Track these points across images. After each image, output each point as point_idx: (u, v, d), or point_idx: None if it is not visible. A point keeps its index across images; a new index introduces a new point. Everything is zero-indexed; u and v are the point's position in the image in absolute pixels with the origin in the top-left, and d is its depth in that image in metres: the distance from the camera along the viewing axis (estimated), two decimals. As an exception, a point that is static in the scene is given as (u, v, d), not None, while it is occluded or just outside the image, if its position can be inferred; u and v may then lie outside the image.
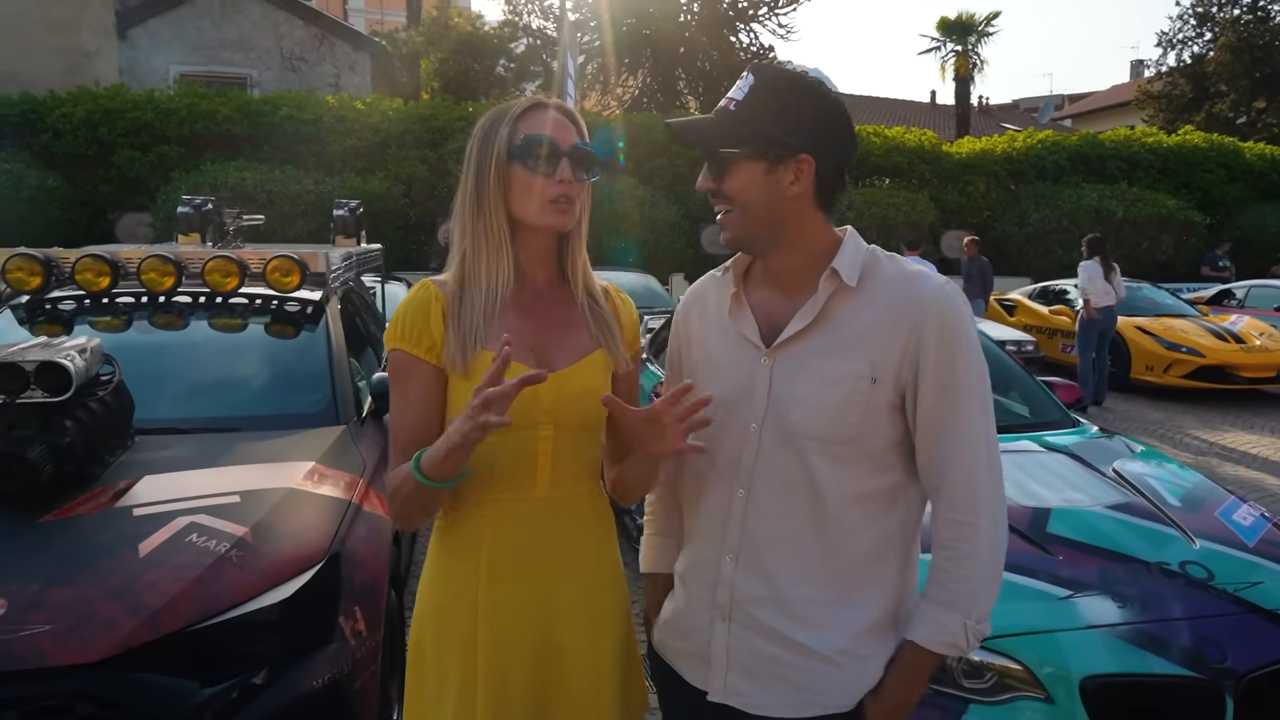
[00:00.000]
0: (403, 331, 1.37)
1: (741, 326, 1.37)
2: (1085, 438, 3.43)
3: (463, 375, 1.34)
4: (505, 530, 1.36)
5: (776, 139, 1.28)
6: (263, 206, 11.56)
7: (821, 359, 1.29)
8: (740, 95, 1.30)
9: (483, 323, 1.35)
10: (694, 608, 1.40)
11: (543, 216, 1.37)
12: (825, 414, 1.28)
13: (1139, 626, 2.20)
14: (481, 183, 1.38)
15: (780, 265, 1.36)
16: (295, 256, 3.45)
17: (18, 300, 3.42)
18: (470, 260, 1.38)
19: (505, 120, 1.38)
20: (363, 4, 32.45)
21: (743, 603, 1.33)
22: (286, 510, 2.36)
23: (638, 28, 18.89)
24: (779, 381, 1.31)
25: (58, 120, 12.49)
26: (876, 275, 1.32)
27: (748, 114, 1.29)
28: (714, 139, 1.32)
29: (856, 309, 1.30)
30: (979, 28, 22.92)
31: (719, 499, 1.37)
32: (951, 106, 24.85)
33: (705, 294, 1.49)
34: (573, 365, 1.40)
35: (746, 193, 1.30)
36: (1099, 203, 14.66)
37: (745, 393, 1.34)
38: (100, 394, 2.48)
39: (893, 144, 15.56)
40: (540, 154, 1.35)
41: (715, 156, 1.32)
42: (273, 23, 16.51)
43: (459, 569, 1.39)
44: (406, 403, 1.37)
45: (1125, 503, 2.75)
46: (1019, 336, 9.21)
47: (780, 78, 1.31)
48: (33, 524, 2.15)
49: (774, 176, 1.29)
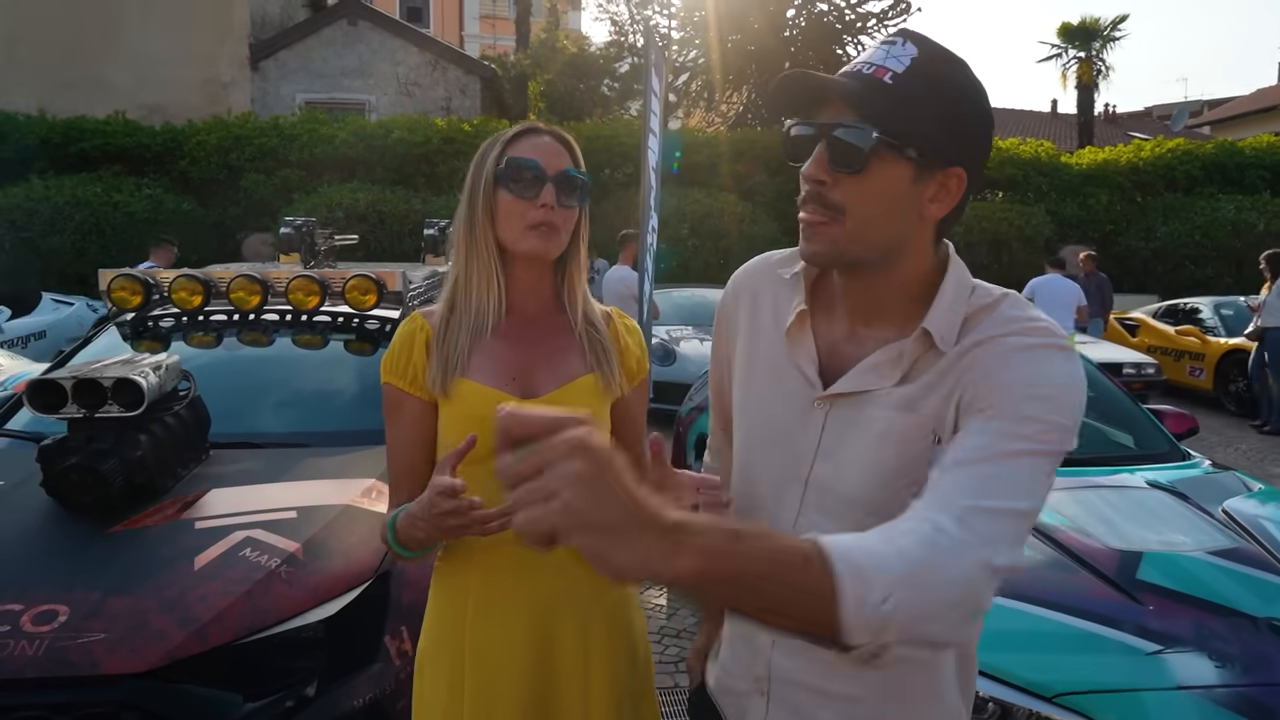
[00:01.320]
0: (391, 366, 1.40)
1: (798, 355, 1.10)
2: (1194, 473, 3.14)
3: (445, 403, 1.35)
4: (493, 570, 1.35)
5: (939, 138, 0.98)
6: (374, 226, 12.10)
7: (880, 411, 1.03)
8: (899, 67, 0.97)
9: (467, 348, 1.36)
10: (738, 670, 1.22)
11: (523, 242, 1.35)
12: (877, 479, 1.02)
13: (1239, 689, 1.97)
14: (472, 207, 1.38)
15: (868, 295, 1.07)
16: (373, 275, 3.54)
17: (123, 317, 3.64)
18: (462, 284, 1.39)
19: (497, 144, 1.38)
20: (478, 30, 33.62)
21: (780, 684, 1.13)
22: (340, 527, 2.40)
23: (742, 44, 18.82)
24: (832, 434, 1.06)
25: (194, 147, 13.43)
26: (973, 331, 1.01)
27: (908, 96, 0.96)
28: (862, 116, 0.97)
29: (934, 366, 1.01)
30: (1104, 32, 21.79)
31: None
32: (1074, 116, 23.65)
33: (760, 290, 1.19)
34: (557, 390, 1.39)
35: (876, 200, 0.98)
36: (1236, 215, 13.62)
37: (787, 437, 1.09)
38: (176, 409, 2.59)
39: (1006, 155, 14.90)
40: (524, 178, 1.34)
41: (848, 139, 0.97)
42: (389, 50, 17.27)
43: (449, 611, 1.39)
44: (398, 436, 1.40)
45: (1232, 548, 2.49)
46: (1139, 359, 8.62)
47: (948, 60, 0.99)
48: (103, 534, 2.26)
49: (918, 188, 0.99)
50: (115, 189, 12.34)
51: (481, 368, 1.36)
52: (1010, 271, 13.13)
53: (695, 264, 12.51)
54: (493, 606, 1.35)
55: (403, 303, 3.76)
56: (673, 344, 8.29)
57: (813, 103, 1.02)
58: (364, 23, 17.07)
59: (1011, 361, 0.97)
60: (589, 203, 1.44)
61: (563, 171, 1.36)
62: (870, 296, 1.07)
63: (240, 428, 3.03)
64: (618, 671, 1.42)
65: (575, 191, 1.38)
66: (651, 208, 5.03)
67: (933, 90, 0.98)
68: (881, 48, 1.00)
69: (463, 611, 1.36)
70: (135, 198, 12.30)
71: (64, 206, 11.85)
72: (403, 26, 18.01)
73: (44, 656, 1.86)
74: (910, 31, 1.00)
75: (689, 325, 8.84)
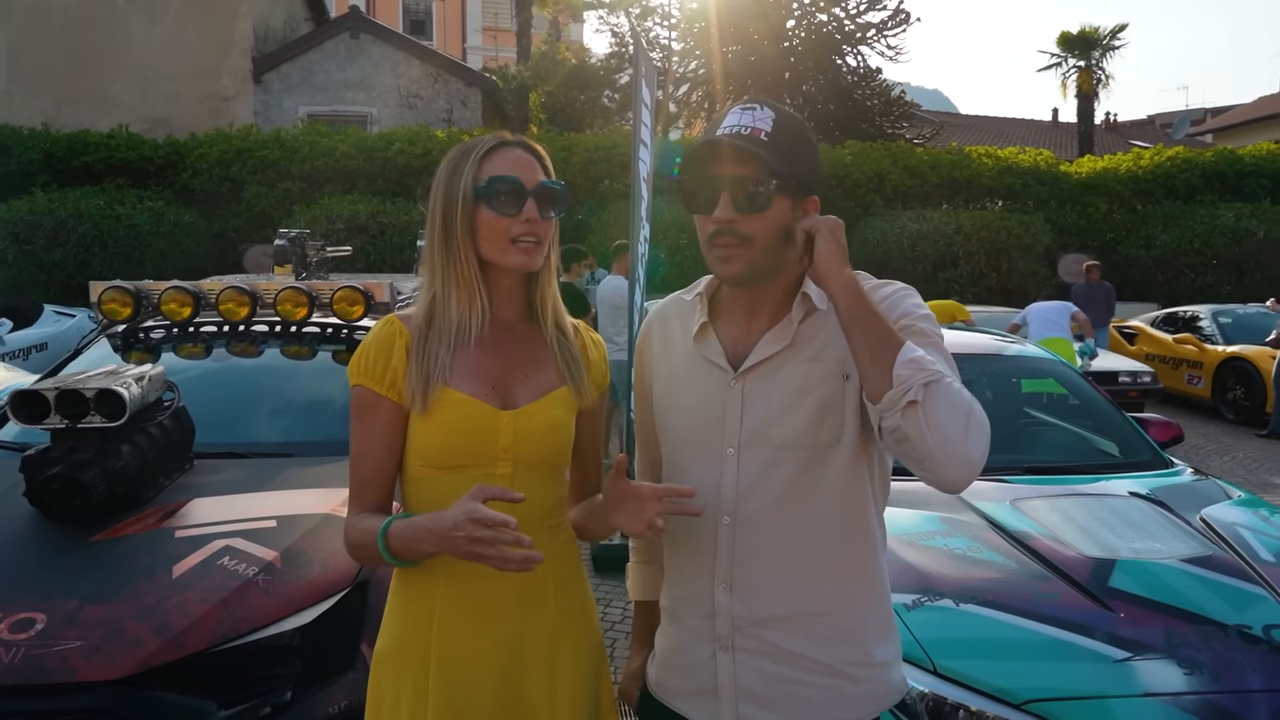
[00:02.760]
0: (365, 367, 1.37)
1: (707, 352, 1.36)
2: (1174, 481, 3.15)
3: (422, 412, 1.34)
4: (461, 571, 1.34)
5: (805, 177, 1.28)
6: (374, 237, 12.16)
7: (792, 367, 1.30)
8: (767, 126, 1.26)
9: (448, 359, 1.35)
10: (691, 642, 1.36)
11: (508, 257, 1.36)
12: (807, 421, 1.27)
13: (1207, 697, 1.98)
14: (449, 224, 1.37)
15: (760, 295, 1.34)
16: (360, 287, 3.58)
17: (113, 329, 3.68)
18: (441, 300, 1.38)
19: (470, 160, 1.36)
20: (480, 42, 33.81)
21: (746, 629, 1.30)
22: (320, 535, 2.42)
23: (743, 54, 18.91)
24: (751, 402, 1.31)
25: (196, 160, 13.52)
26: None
27: (782, 147, 1.25)
28: (758, 168, 1.24)
29: (823, 323, 1.30)
30: (1103, 41, 21.84)
31: (703, 531, 1.33)
32: (1074, 125, 23.68)
33: (669, 318, 1.47)
34: (535, 401, 1.40)
35: (772, 228, 1.26)
36: (1236, 223, 13.63)
37: (717, 419, 1.32)
38: (159, 419, 2.62)
39: (1005, 165, 14.94)
40: (505, 195, 1.34)
41: (754, 186, 1.24)
42: (392, 63, 17.37)
43: (414, 611, 1.38)
44: (366, 440, 1.37)
45: (1206, 556, 2.49)
46: (1136, 367, 8.61)
47: (790, 114, 1.30)
48: (84, 542, 2.28)
49: (794, 214, 1.28)
50: (118, 202, 12.42)
51: (463, 376, 1.36)
52: (1009, 280, 13.14)
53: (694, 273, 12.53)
54: (461, 610, 1.35)
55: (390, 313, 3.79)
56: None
57: (711, 159, 1.27)
58: (366, 35, 17.18)
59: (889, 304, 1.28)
60: (563, 214, 1.45)
61: (540, 184, 1.37)
62: (760, 298, 1.35)
63: (226, 438, 3.06)
64: (581, 671, 1.44)
65: (554, 203, 1.39)
66: (643, 218, 5.06)
67: (795, 141, 1.28)
68: (746, 113, 1.27)
69: (429, 614, 1.36)
70: (138, 210, 12.38)
71: (67, 219, 11.93)
72: (405, 39, 18.12)
73: (20, 664, 1.89)
74: (761, 99, 1.30)
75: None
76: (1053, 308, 8.26)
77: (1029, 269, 13.43)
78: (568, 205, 1.44)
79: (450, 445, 1.34)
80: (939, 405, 1.12)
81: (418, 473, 1.38)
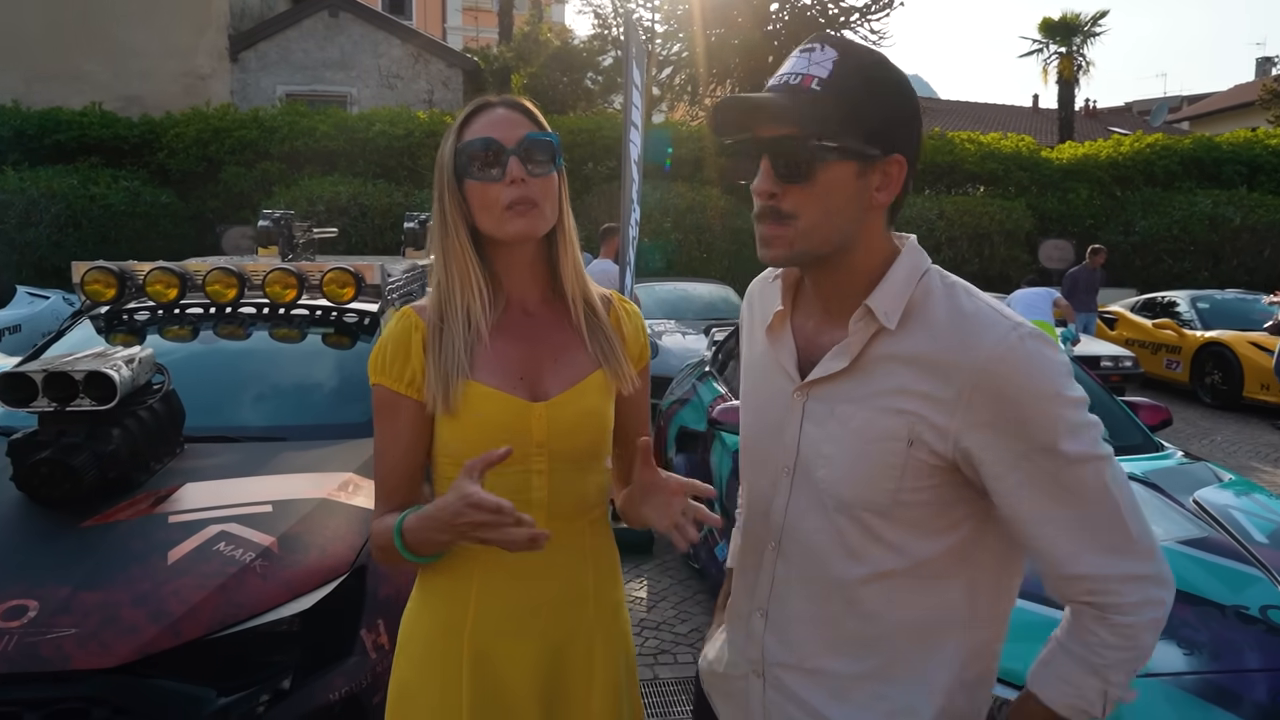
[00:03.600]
0: (383, 365, 1.29)
1: (779, 352, 1.17)
2: (1166, 464, 3.18)
3: (445, 412, 1.25)
4: (496, 571, 1.27)
5: (876, 130, 1.03)
6: (355, 219, 12.03)
7: (852, 406, 1.08)
8: (824, 72, 1.02)
9: (465, 354, 1.25)
10: (733, 656, 1.27)
11: (503, 226, 1.24)
12: (853, 476, 1.07)
13: (1206, 677, 2.00)
14: (440, 203, 1.29)
15: (829, 285, 1.13)
16: (351, 269, 3.52)
17: (96, 311, 3.60)
18: (445, 288, 1.28)
19: (453, 131, 1.28)
20: (460, 22, 33.43)
21: (773, 666, 1.18)
22: (316, 520, 2.38)
23: (726, 37, 18.81)
24: (809, 427, 1.12)
25: (172, 140, 13.29)
26: (928, 312, 1.06)
27: (838, 98, 1.01)
28: (800, 128, 1.01)
29: (899, 351, 1.06)
30: (1084, 28, 21.94)
31: (751, 549, 1.22)
32: (1054, 111, 23.81)
33: (754, 299, 1.29)
34: (568, 390, 1.29)
35: (824, 202, 1.03)
36: (1214, 209, 13.79)
37: (776, 431, 1.16)
38: (149, 402, 2.57)
39: (987, 150, 15.00)
40: (483, 159, 1.23)
41: (790, 152, 1.02)
42: (372, 42, 17.14)
43: (445, 611, 1.30)
44: (389, 441, 1.29)
45: (1201, 537, 2.52)
46: (1117, 351, 8.71)
47: (867, 55, 1.05)
48: (74, 528, 2.24)
49: (864, 181, 1.04)
50: (92, 181, 12.19)
51: (486, 368, 1.26)
52: (991, 266, 13.23)
53: (678, 258, 12.52)
54: (494, 608, 1.28)
55: (381, 296, 3.74)
56: (655, 338, 8.29)
57: (749, 119, 1.07)
58: (345, 14, 16.93)
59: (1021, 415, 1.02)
60: (564, 163, 1.31)
61: (523, 138, 1.24)
62: (834, 287, 1.13)
63: (216, 421, 3.00)
64: (616, 668, 1.38)
65: (543, 155, 1.25)
66: (633, 201, 5.02)
67: (861, 87, 1.02)
68: (801, 56, 1.05)
69: (463, 614, 1.28)
70: (113, 190, 12.17)
71: (39, 199, 11.70)
72: (384, 18, 17.88)
73: (14, 652, 1.85)
74: (825, 35, 1.06)
75: (671, 319, 8.85)
76: (1037, 294, 8.33)
77: (1011, 254, 13.54)
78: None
79: (481, 442, 1.22)
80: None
81: (448, 471, 1.29)
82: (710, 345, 5.87)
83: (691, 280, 10.67)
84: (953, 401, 1.02)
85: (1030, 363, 1.00)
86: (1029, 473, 1.00)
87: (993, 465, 1.01)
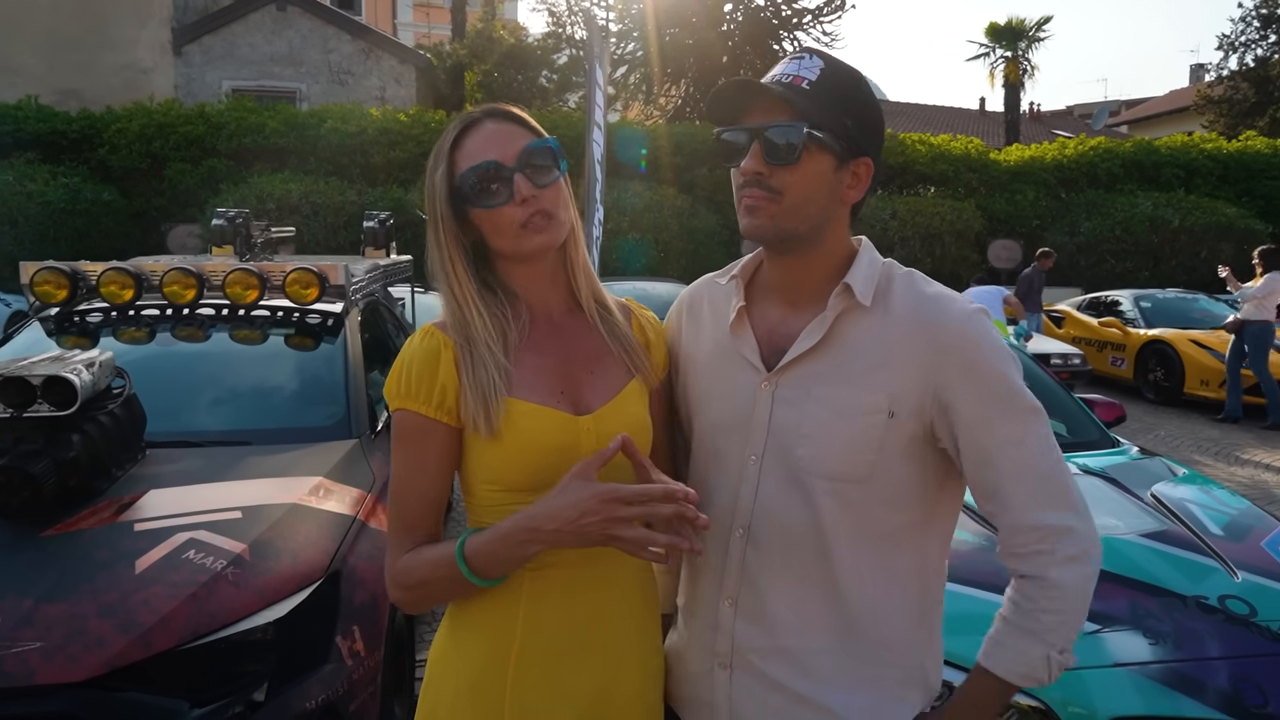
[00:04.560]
0: (409, 388, 1.18)
1: (741, 346, 1.24)
2: (1124, 459, 3.27)
3: (488, 434, 1.16)
4: (543, 604, 1.19)
5: (853, 133, 1.15)
6: (307, 218, 11.79)
7: (830, 387, 1.16)
8: (812, 75, 1.14)
9: (498, 376, 1.17)
10: (694, 652, 1.29)
11: (522, 244, 1.18)
12: (836, 451, 1.15)
13: (1172, 665, 2.06)
14: (435, 233, 1.21)
15: (797, 274, 1.22)
16: (314, 269, 3.46)
17: (46, 313, 3.48)
18: (454, 310, 1.21)
19: (442, 157, 1.19)
20: (411, 18, 33.00)
21: (744, 652, 1.21)
22: (287, 526, 2.33)
23: (681, 37, 18.87)
24: (781, 411, 1.18)
25: (113, 135, 12.88)
26: (892, 295, 1.19)
27: (824, 98, 1.13)
28: (793, 114, 1.12)
29: (869, 331, 1.17)
30: (1030, 33, 22.50)
31: (715, 539, 1.23)
32: (1001, 114, 24.37)
33: (700, 302, 1.34)
34: (610, 402, 1.23)
35: (807, 186, 1.14)
36: (1154, 211, 14.24)
37: (742, 421, 1.21)
38: (110, 407, 2.49)
39: (938, 152, 15.29)
40: (486, 185, 1.16)
41: (783, 136, 1.12)
42: (321, 38, 16.84)
43: (484, 648, 1.20)
44: (414, 470, 1.18)
45: (1161, 530, 2.60)
46: (1066, 349, 8.94)
47: (846, 67, 1.17)
48: (34, 538, 2.16)
49: (839, 174, 1.16)
50: (28, 178, 11.76)
51: (525, 385, 1.19)
52: (942, 265, 13.49)
53: (635, 257, 12.53)
54: (539, 644, 1.19)
55: (345, 296, 3.67)
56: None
57: (743, 108, 1.17)
58: (293, 8, 16.59)
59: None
60: (567, 166, 1.24)
61: (523, 151, 1.17)
62: (799, 275, 1.23)
63: (177, 426, 2.93)
64: (658, 686, 1.32)
65: (547, 163, 1.18)
66: (596, 200, 5.01)
67: (843, 94, 1.16)
68: (792, 62, 1.17)
69: (505, 652, 1.19)
70: (50, 187, 11.75)
71: (-28, 196, 11.26)
72: (334, 13, 17.55)
73: (-25, 668, 1.78)
74: (813, 49, 1.21)
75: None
76: (989, 292, 8.52)
77: (961, 254, 13.82)
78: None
79: (531, 464, 1.16)
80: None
81: (491, 498, 1.19)
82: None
83: (649, 279, 10.69)
84: (928, 365, 1.14)
85: (987, 333, 1.16)
86: (995, 416, 1.13)
87: (965, 411, 1.14)
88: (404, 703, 2.76)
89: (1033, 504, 1.13)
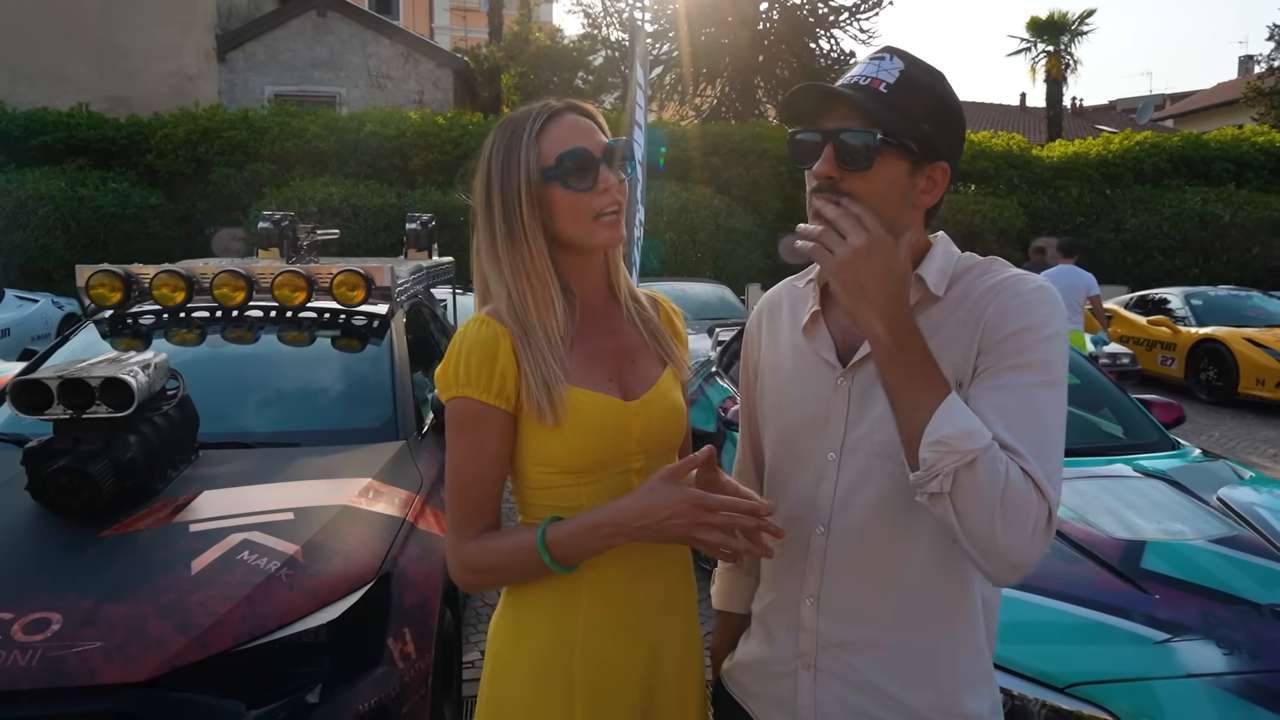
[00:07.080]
0: (467, 375, 1.20)
1: (817, 345, 1.24)
2: (1186, 462, 3.17)
3: (552, 422, 1.20)
4: (604, 579, 1.24)
5: (930, 137, 1.13)
6: (347, 220, 11.93)
7: None
8: (890, 78, 1.12)
9: (557, 365, 1.21)
10: (777, 654, 1.28)
11: (595, 235, 1.24)
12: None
13: (1247, 676, 1.98)
14: (510, 211, 1.23)
15: None
16: (361, 271, 3.48)
17: (100, 315, 3.54)
18: (517, 299, 1.23)
19: (526, 137, 1.23)
20: (448, 22, 33.29)
21: (829, 650, 1.21)
22: (339, 528, 2.34)
23: (716, 36, 18.80)
24: (856, 404, 1.19)
25: (160, 141, 13.15)
26: (964, 282, 1.18)
27: (902, 102, 1.11)
28: (867, 120, 1.11)
29: (939, 319, 1.15)
30: (1072, 27, 22.05)
31: (796, 538, 1.23)
32: (1042, 109, 23.93)
33: (778, 305, 1.36)
34: (652, 388, 1.31)
35: (880, 191, 1.12)
36: (1203, 206, 13.87)
37: (820, 420, 1.22)
38: (165, 409, 2.52)
39: (979, 149, 15.04)
40: (577, 170, 1.21)
41: (858, 141, 1.11)
42: (361, 42, 17.02)
43: (550, 626, 1.25)
44: (472, 456, 1.21)
45: (1231, 536, 2.51)
46: (1115, 349, 8.73)
47: (929, 69, 1.16)
48: (93, 538, 2.19)
49: (913, 179, 1.14)
50: (80, 183, 12.05)
51: (580, 373, 1.24)
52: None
53: (671, 257, 12.49)
54: (602, 618, 1.26)
55: (391, 298, 3.69)
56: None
57: (817, 111, 1.16)
58: (333, 14, 16.80)
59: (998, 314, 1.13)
60: (634, 169, 1.32)
61: (607, 147, 1.24)
62: None
63: (229, 427, 2.96)
64: (701, 668, 1.39)
65: (624, 162, 1.26)
66: (638, 201, 4.99)
67: (922, 97, 1.14)
68: (871, 63, 1.15)
69: (571, 628, 1.25)
70: (101, 191, 12.03)
71: (26, 200, 11.54)
72: (373, 18, 17.74)
73: (38, 667, 1.80)
74: (894, 48, 1.17)
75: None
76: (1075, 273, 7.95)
77: (1003, 252, 13.56)
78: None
79: (590, 447, 1.22)
80: (966, 500, 0.99)
81: (546, 480, 1.25)
82: (715, 345, 5.85)
83: (686, 280, 10.64)
84: (978, 336, 1.11)
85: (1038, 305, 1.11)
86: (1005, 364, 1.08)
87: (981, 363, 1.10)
88: (452, 706, 2.76)
89: (1007, 432, 1.03)
